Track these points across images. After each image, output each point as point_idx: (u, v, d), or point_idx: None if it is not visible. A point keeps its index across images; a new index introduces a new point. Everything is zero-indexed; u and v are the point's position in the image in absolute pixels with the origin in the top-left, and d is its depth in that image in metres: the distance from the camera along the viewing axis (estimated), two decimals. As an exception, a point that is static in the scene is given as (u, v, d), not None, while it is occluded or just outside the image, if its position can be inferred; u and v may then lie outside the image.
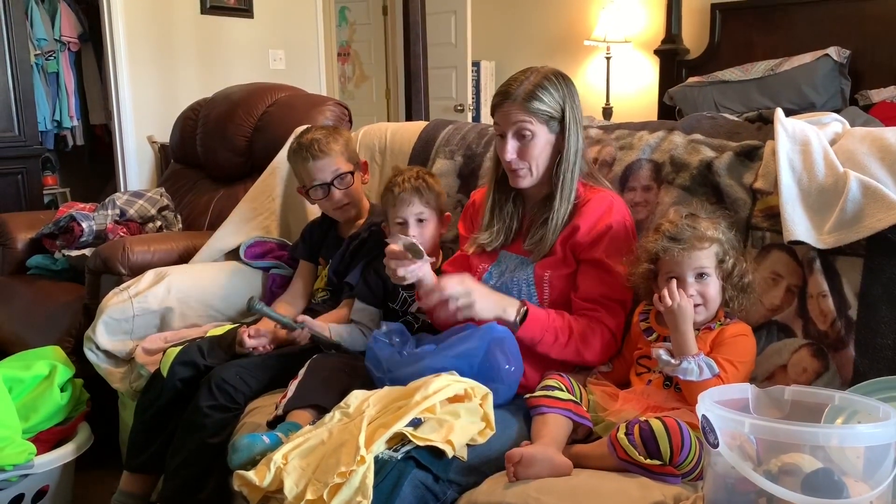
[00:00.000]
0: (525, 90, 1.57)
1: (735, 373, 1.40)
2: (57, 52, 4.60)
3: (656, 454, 1.24)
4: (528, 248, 1.64)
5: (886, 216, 1.41)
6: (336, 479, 1.20)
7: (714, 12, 4.49)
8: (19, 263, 2.82)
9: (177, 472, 1.65)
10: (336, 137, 2.01)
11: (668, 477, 1.25)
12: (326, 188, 1.97)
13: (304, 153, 1.97)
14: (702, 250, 1.45)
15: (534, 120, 1.57)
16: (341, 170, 1.98)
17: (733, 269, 1.46)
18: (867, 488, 1.05)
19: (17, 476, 1.82)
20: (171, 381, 1.77)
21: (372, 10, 5.79)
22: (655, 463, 1.24)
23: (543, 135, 1.59)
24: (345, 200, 2.00)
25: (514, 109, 1.57)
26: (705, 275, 1.45)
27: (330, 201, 1.99)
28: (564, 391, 1.42)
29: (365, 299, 1.88)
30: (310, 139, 1.99)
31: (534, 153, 1.60)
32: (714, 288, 1.46)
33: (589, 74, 5.06)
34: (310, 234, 2.14)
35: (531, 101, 1.57)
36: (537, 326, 1.52)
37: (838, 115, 1.74)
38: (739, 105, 4.00)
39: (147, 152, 4.30)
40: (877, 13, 3.97)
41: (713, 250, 1.45)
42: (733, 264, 1.46)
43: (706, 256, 1.45)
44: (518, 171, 1.61)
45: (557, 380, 1.45)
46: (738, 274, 1.46)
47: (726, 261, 1.46)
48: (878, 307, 1.44)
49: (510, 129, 1.59)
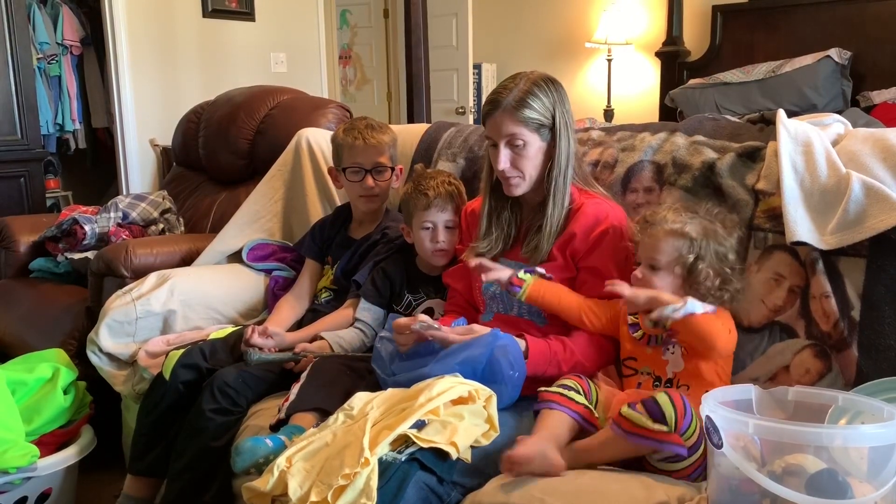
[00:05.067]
0: (515, 98, 1.56)
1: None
2: (59, 56, 4.61)
3: (661, 420, 1.22)
4: (525, 255, 1.64)
5: (889, 217, 1.41)
6: (340, 481, 1.20)
7: (715, 14, 4.49)
8: (22, 266, 2.83)
9: (179, 475, 1.65)
10: (389, 133, 2.05)
11: (676, 447, 1.23)
12: (363, 173, 1.99)
13: (356, 133, 2.00)
14: (659, 241, 1.42)
15: (525, 129, 1.56)
16: (384, 163, 2.01)
17: (695, 272, 1.41)
18: (871, 489, 1.05)
19: (21, 479, 1.82)
20: (173, 384, 1.78)
21: (373, 13, 5.80)
22: (662, 429, 1.22)
23: (535, 143, 1.58)
24: (375, 191, 2.01)
25: (505, 119, 1.56)
26: (657, 266, 1.43)
27: (362, 186, 2.01)
28: (581, 394, 1.40)
29: (371, 299, 1.88)
30: (365, 124, 2.03)
31: (526, 161, 1.59)
32: (662, 282, 1.42)
33: (590, 76, 5.06)
34: (319, 232, 2.14)
35: (521, 111, 1.55)
36: (541, 360, 1.51)
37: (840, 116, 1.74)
38: (741, 107, 4.00)
39: (149, 155, 4.30)
40: (878, 15, 3.97)
41: (674, 244, 1.42)
42: (695, 265, 1.41)
43: (663, 249, 1.42)
44: (511, 179, 1.61)
45: (575, 381, 1.42)
46: (702, 278, 1.41)
47: (686, 259, 1.41)
48: (880, 308, 1.44)
49: (502, 140, 1.58)
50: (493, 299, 1.69)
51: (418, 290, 1.88)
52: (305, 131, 2.45)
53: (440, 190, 1.82)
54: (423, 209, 1.82)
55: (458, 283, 1.78)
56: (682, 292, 1.41)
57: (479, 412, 1.35)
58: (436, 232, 1.82)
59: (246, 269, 2.25)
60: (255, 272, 2.25)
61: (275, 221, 2.38)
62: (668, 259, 1.42)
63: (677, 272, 1.43)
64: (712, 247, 1.43)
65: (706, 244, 1.42)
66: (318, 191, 2.36)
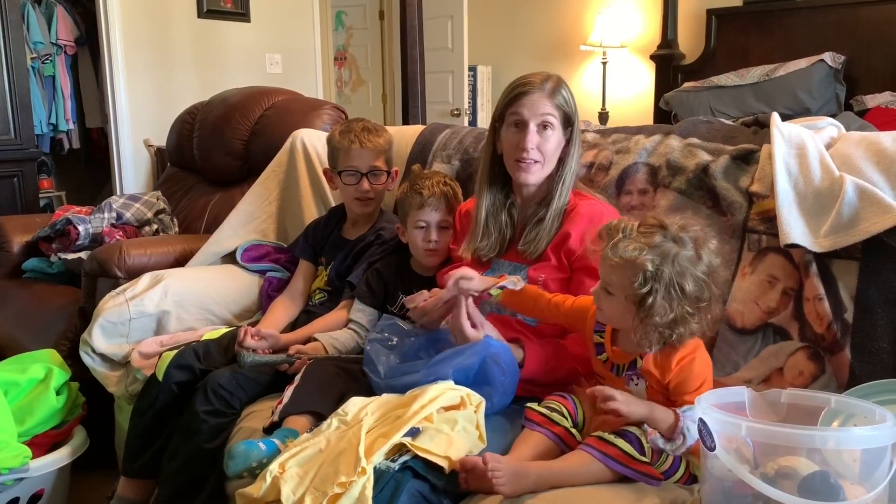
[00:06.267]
0: (552, 85, 1.61)
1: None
2: (53, 56, 4.60)
3: (641, 452, 1.25)
4: (521, 249, 1.64)
5: (882, 220, 1.42)
6: (336, 489, 1.20)
7: (710, 18, 4.50)
8: (15, 267, 2.82)
9: (172, 477, 1.65)
10: (385, 136, 2.04)
11: (652, 479, 1.25)
12: (359, 176, 1.99)
13: (353, 136, 1.99)
14: (608, 263, 1.31)
15: (557, 114, 1.61)
16: (379, 166, 2.00)
17: (646, 305, 1.26)
18: (864, 491, 1.05)
19: (13, 480, 1.81)
20: (166, 385, 1.77)
21: (369, 15, 5.80)
22: (645, 461, 1.24)
23: (558, 133, 1.62)
24: (371, 194, 2.01)
25: (543, 99, 1.60)
26: (608, 290, 1.33)
27: (358, 189, 2.00)
28: (564, 416, 1.38)
29: (365, 300, 1.88)
30: (362, 126, 2.02)
31: (549, 148, 1.62)
32: (612, 305, 1.32)
33: (585, 79, 5.08)
34: (313, 233, 2.14)
35: (556, 96, 1.61)
36: (540, 368, 1.51)
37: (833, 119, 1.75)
38: (735, 110, 4.01)
39: (143, 156, 4.29)
40: (871, 19, 3.99)
41: (625, 272, 1.28)
42: (647, 299, 1.26)
43: (613, 272, 1.30)
44: (532, 164, 1.61)
45: (559, 402, 1.40)
46: (658, 316, 1.26)
47: (637, 290, 1.26)
48: (873, 310, 1.44)
49: (535, 120, 1.60)
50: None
51: (413, 291, 1.87)
52: (300, 132, 2.45)
53: (435, 190, 1.83)
54: (418, 208, 1.83)
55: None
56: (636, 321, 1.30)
57: (471, 417, 1.35)
58: (429, 231, 1.83)
59: (240, 269, 2.25)
60: (250, 273, 2.25)
61: (269, 222, 2.38)
62: (619, 286, 1.30)
63: (628, 301, 1.30)
64: (670, 279, 1.26)
65: (662, 277, 1.26)
66: (312, 192, 2.36)
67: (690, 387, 1.30)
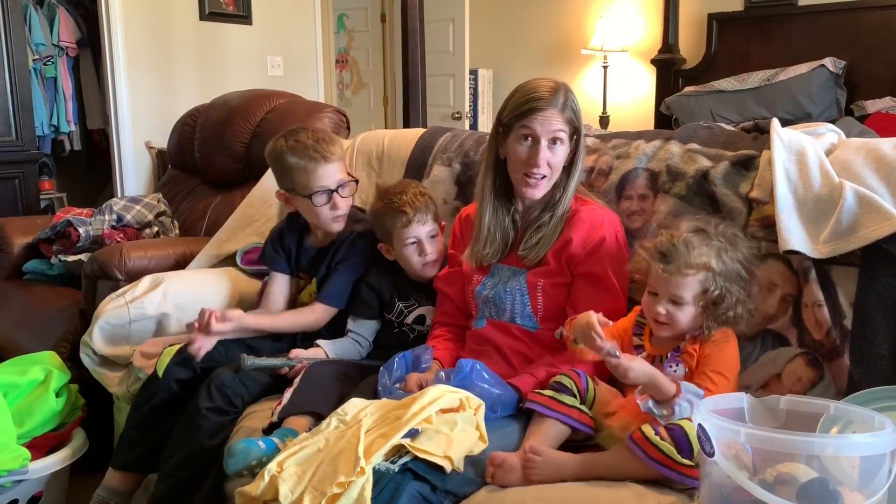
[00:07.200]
0: (563, 99, 1.58)
1: (725, 383, 1.37)
2: (55, 58, 4.60)
3: (689, 454, 1.22)
4: (522, 254, 1.64)
5: (882, 226, 1.42)
6: (335, 489, 1.20)
7: (711, 22, 4.51)
8: (15, 268, 2.82)
9: (171, 472, 1.65)
10: (337, 141, 1.91)
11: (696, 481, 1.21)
12: (329, 195, 1.86)
13: (311, 153, 1.82)
14: (685, 277, 1.37)
15: (567, 129, 1.59)
16: (345, 178, 1.89)
17: (719, 302, 1.38)
18: (862, 498, 1.05)
19: (11, 482, 1.81)
20: (166, 380, 1.77)
21: (370, 18, 5.80)
22: (689, 464, 1.22)
23: (566, 145, 1.61)
24: (345, 210, 1.90)
25: (556, 116, 1.57)
26: (680, 303, 1.39)
27: (334, 210, 1.87)
28: (573, 395, 1.40)
29: (362, 315, 1.87)
30: (315, 138, 1.85)
31: (558, 161, 1.60)
32: (686, 315, 1.39)
33: (586, 83, 5.08)
34: (280, 243, 2.01)
35: (567, 110, 1.59)
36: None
37: (834, 125, 1.75)
38: (735, 115, 4.01)
39: (144, 158, 4.30)
40: (872, 24, 3.99)
41: (698, 278, 1.37)
42: (720, 296, 1.37)
43: (687, 285, 1.37)
44: (541, 180, 1.60)
45: (572, 378, 1.42)
46: (724, 308, 1.38)
47: (710, 291, 1.37)
48: (872, 317, 1.44)
49: (547, 136, 1.57)
50: (485, 304, 1.68)
51: (409, 298, 1.87)
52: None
53: (417, 204, 1.80)
54: (404, 226, 1.79)
55: (450, 287, 1.78)
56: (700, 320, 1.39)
57: (470, 419, 1.35)
58: (422, 245, 1.81)
59: (240, 272, 2.26)
60: (249, 276, 2.25)
61: (269, 225, 2.37)
62: (693, 294, 1.38)
63: (701, 305, 1.39)
64: (734, 272, 1.39)
65: (727, 272, 1.38)
66: (312, 195, 2.35)
67: (717, 365, 1.37)
